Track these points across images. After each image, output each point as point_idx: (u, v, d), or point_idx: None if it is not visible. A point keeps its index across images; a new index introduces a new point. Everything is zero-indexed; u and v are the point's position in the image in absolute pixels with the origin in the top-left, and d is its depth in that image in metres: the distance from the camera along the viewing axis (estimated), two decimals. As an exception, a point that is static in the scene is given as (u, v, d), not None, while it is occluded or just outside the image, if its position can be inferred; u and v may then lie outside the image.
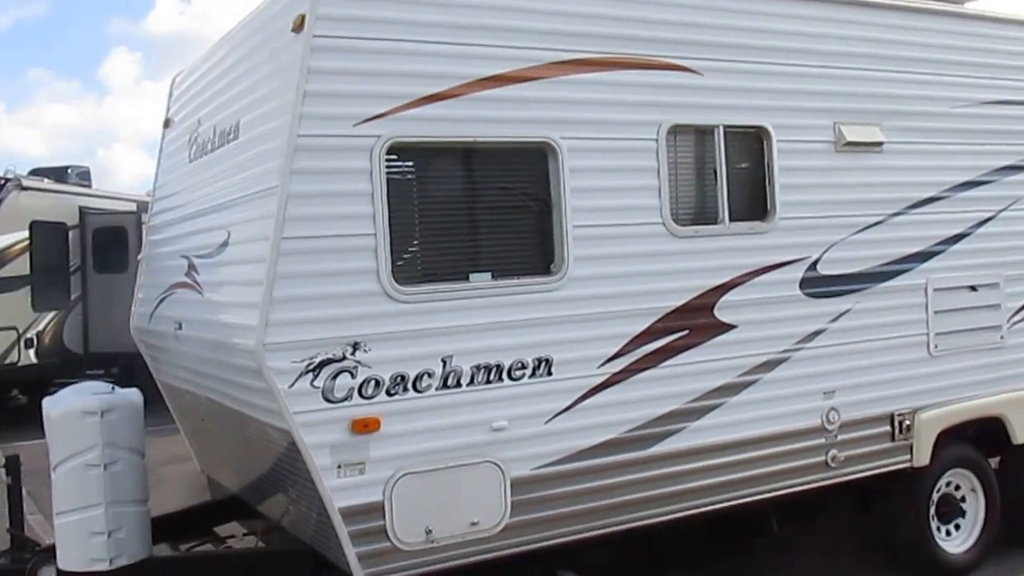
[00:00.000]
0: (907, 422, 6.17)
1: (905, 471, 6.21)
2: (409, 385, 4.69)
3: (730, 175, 5.57)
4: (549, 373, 5.03)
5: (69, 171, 15.24)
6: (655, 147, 5.32)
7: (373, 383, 4.61)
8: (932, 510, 6.42)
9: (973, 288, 6.51)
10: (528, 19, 4.97)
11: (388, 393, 4.64)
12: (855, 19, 6.01)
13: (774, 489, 5.73)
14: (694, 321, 5.44)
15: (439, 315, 4.75)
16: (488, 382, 4.88)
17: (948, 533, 6.52)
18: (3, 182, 12.70)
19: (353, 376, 4.56)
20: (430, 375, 4.73)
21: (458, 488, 4.81)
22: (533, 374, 4.99)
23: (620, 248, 5.24)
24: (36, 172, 14.79)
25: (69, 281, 14.06)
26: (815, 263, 5.85)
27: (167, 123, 6.77)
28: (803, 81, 5.82)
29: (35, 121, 59.01)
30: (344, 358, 4.54)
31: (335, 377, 4.52)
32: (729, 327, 5.56)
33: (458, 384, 4.80)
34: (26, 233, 13.07)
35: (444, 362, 4.77)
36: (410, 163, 4.83)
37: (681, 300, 5.40)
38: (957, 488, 6.57)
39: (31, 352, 13.21)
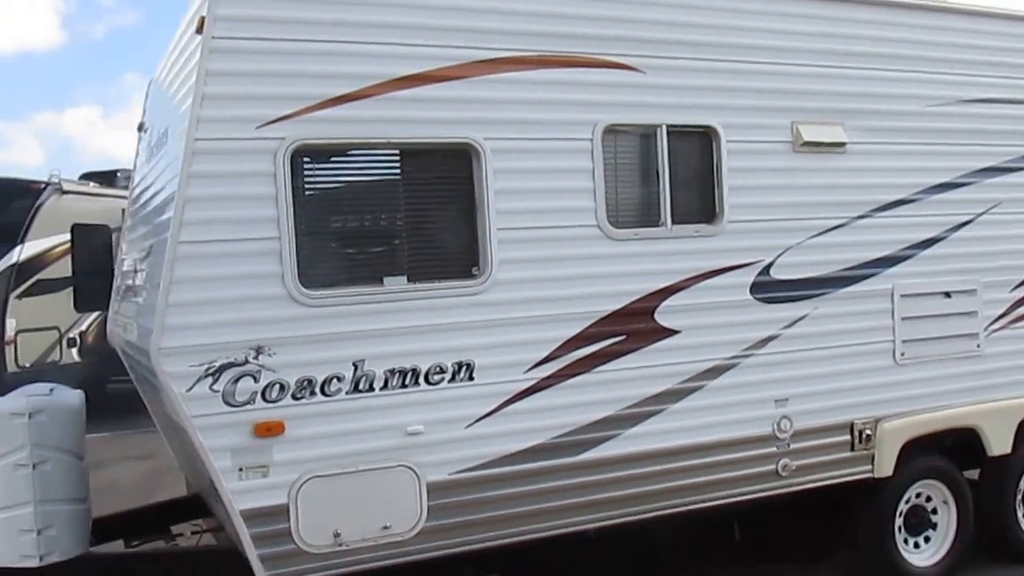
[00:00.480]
0: (868, 432, 5.81)
1: (870, 481, 5.87)
2: (317, 389, 4.53)
3: (674, 176, 5.28)
4: (471, 378, 4.82)
5: (119, 175, 15.35)
6: (590, 147, 5.06)
7: (277, 387, 4.46)
8: (899, 521, 6.04)
9: (947, 294, 6.11)
10: (448, 17, 4.75)
11: (294, 397, 4.49)
12: (818, 14, 5.64)
13: (721, 497, 5.45)
14: (632, 326, 5.18)
15: (350, 319, 4.58)
16: (404, 386, 4.69)
17: (916, 545, 6.13)
18: (43, 186, 12.85)
19: (256, 380, 4.42)
20: (340, 379, 4.56)
21: (369, 492, 4.64)
22: (453, 378, 4.79)
23: (550, 251, 5.00)
24: (86, 176, 14.91)
25: (112, 282, 14.16)
26: (768, 267, 5.53)
27: (141, 127, 6.72)
28: (757, 79, 5.48)
29: (130, 124, 60.22)
30: (246, 362, 4.40)
31: (236, 381, 4.38)
32: (671, 332, 5.28)
33: (370, 388, 4.63)
34: (67, 236, 13.19)
35: (356, 366, 4.60)
36: (320, 165, 4.65)
37: (618, 304, 5.14)
38: (928, 499, 6.18)
39: (73, 351, 13.35)
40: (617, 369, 5.15)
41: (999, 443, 6.26)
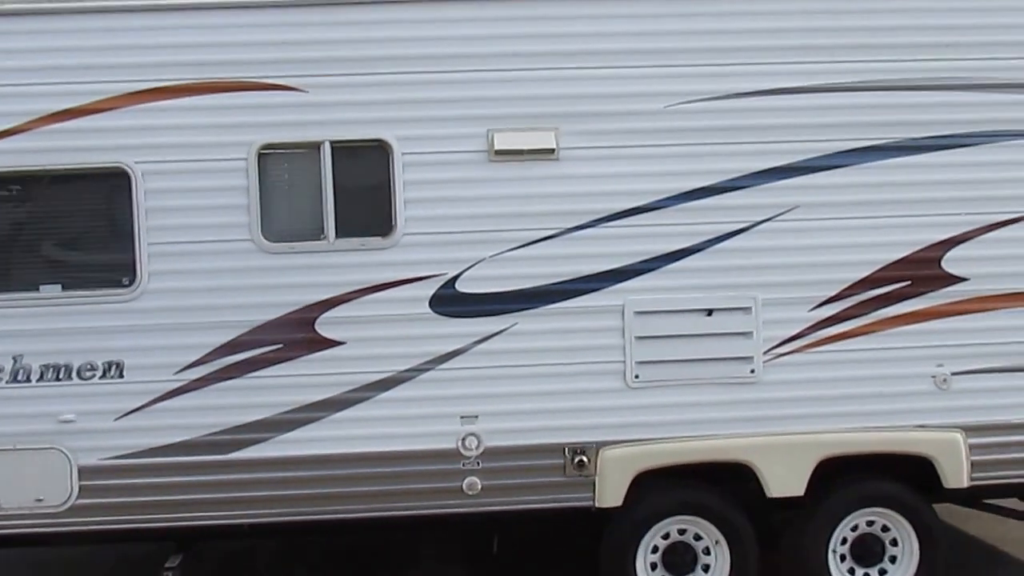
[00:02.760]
0: (583, 458, 5.14)
1: (592, 509, 5.20)
2: None
3: (339, 191, 5.10)
4: (120, 375, 5.14)
5: None
6: (245, 167, 5.09)
7: None
8: (652, 558, 5.25)
9: (708, 312, 5.16)
10: (94, 56, 5.04)
11: (-40, 383, 5.17)
12: (518, 15, 5.07)
13: (396, 509, 5.19)
14: (290, 335, 5.13)
15: (9, 320, 5.13)
16: (57, 379, 5.14)
17: (679, 587, 5.29)
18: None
19: None
20: (0, 370, 5.15)
21: (24, 468, 5.15)
22: (104, 375, 5.14)
23: (201, 264, 5.12)
24: None
25: None
26: (453, 280, 5.12)
27: None
28: (441, 89, 5.08)
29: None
30: None
31: (-90, 367, 5.16)
32: (334, 343, 5.14)
33: (27, 379, 5.14)
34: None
35: (15, 359, 5.14)
36: (-15, 190, 5.23)
37: (274, 314, 5.13)
38: (697, 538, 5.28)
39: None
40: (273, 376, 5.14)
41: (782, 483, 5.17)
